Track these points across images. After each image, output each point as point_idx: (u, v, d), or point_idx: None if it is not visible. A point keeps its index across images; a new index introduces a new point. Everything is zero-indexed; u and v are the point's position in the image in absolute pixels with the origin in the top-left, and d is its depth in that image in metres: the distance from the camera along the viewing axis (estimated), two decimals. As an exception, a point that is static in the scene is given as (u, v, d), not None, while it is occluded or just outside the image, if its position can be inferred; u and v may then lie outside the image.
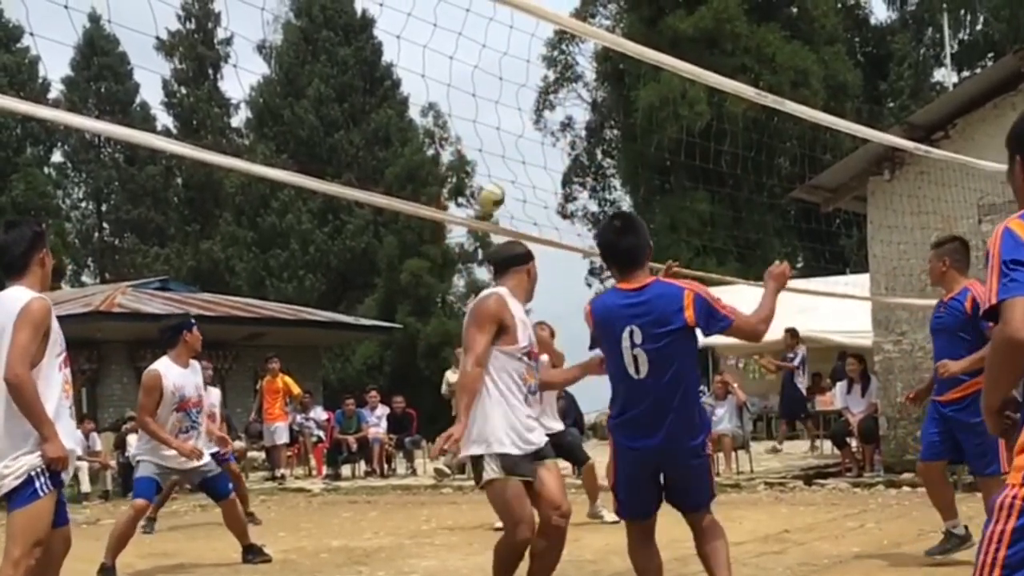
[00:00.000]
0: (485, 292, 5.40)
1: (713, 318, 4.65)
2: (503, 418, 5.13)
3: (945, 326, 6.64)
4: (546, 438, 5.37)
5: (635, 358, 4.64)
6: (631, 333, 4.63)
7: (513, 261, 5.46)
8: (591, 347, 4.93)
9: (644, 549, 4.99)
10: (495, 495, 5.21)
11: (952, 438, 6.58)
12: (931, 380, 6.85)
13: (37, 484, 4.51)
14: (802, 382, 16.02)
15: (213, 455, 8.56)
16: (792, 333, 16.09)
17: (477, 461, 5.21)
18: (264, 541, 8.99)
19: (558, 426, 9.03)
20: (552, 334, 9.74)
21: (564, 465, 11.30)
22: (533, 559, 5.34)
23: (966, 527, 6.71)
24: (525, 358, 5.24)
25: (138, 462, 8.00)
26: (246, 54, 44.24)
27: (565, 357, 9.61)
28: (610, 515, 9.34)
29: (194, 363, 8.17)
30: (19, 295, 4.59)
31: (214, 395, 11.26)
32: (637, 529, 4.99)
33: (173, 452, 7.77)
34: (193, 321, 8.27)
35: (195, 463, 7.91)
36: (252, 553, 8.30)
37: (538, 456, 5.26)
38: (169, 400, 7.80)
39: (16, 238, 4.68)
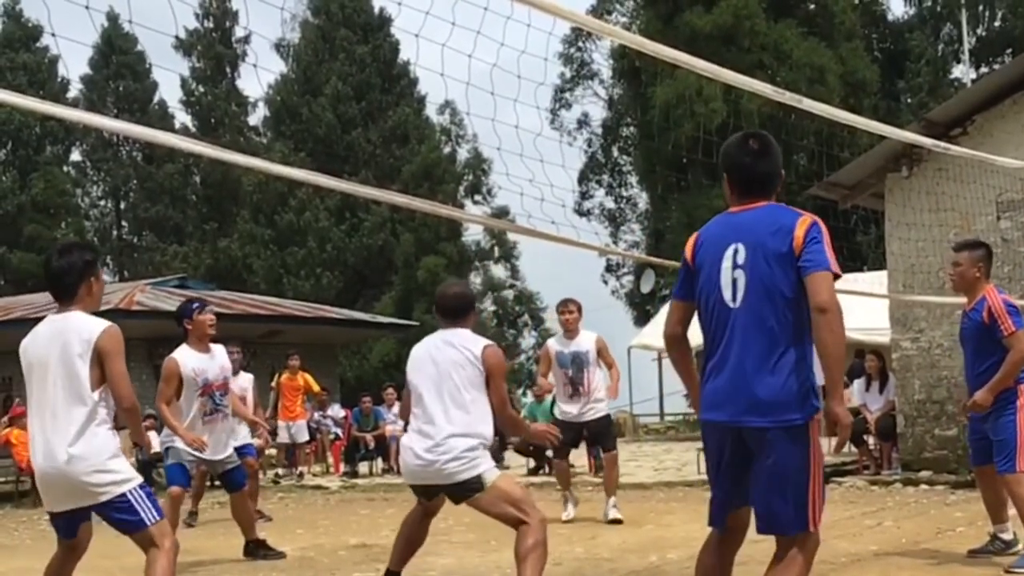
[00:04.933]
0: (492, 344, 5.69)
1: (815, 249, 3.76)
2: None
3: (968, 337, 6.63)
4: None
5: (734, 281, 3.86)
6: (735, 252, 3.87)
7: (472, 304, 5.94)
8: (676, 292, 4.13)
9: (704, 562, 4.10)
10: (507, 489, 5.49)
11: (991, 440, 6.55)
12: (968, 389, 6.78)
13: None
14: None
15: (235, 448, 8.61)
16: None
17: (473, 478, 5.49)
18: (282, 538, 9.03)
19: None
20: (579, 309, 9.51)
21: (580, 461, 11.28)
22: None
23: (1015, 533, 6.70)
24: None
25: (166, 448, 8.03)
26: (264, 52, 44.44)
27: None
28: (613, 512, 9.33)
29: (219, 348, 8.15)
30: (90, 323, 4.76)
31: (245, 379, 11.20)
32: (711, 535, 4.11)
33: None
34: (194, 306, 8.09)
35: (219, 455, 7.99)
36: (258, 548, 8.31)
37: None
38: (192, 385, 7.82)
39: (68, 266, 4.84)
